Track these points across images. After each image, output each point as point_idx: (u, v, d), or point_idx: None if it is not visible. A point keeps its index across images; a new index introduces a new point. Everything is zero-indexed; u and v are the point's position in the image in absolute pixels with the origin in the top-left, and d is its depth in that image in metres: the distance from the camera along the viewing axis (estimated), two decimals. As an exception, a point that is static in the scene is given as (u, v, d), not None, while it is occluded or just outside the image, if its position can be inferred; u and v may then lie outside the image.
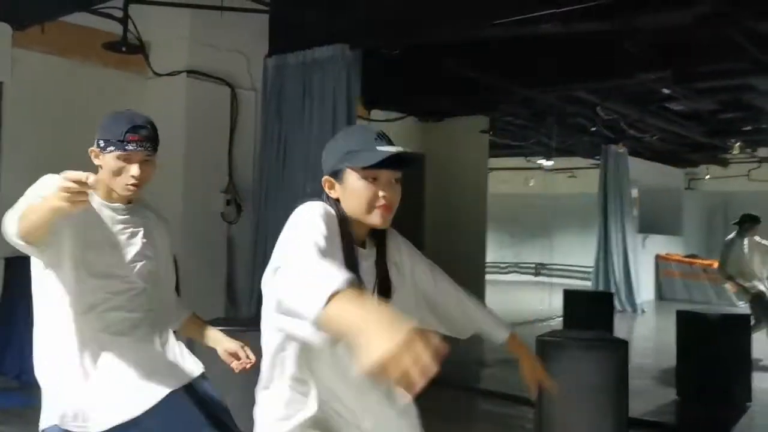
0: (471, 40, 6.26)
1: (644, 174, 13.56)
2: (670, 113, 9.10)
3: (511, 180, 14.66)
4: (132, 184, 2.16)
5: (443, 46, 6.59)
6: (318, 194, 1.77)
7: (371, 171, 1.68)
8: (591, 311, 6.74)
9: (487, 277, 12.45)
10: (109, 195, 2.21)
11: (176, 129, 5.99)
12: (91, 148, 2.20)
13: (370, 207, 1.69)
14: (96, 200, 2.16)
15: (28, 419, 4.19)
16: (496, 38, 5.98)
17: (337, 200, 1.72)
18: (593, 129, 9.13)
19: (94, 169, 2.17)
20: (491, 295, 9.58)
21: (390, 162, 1.66)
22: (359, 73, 6.35)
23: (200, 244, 6.11)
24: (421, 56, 7.06)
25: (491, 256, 13.35)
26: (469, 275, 8.86)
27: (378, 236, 1.81)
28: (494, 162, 11.57)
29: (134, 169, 2.14)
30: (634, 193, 13.39)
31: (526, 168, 14.11)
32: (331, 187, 1.73)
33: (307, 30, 6.42)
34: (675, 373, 5.44)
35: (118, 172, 2.15)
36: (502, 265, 16.21)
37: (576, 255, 14.69)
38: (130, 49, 5.56)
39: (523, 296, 12.44)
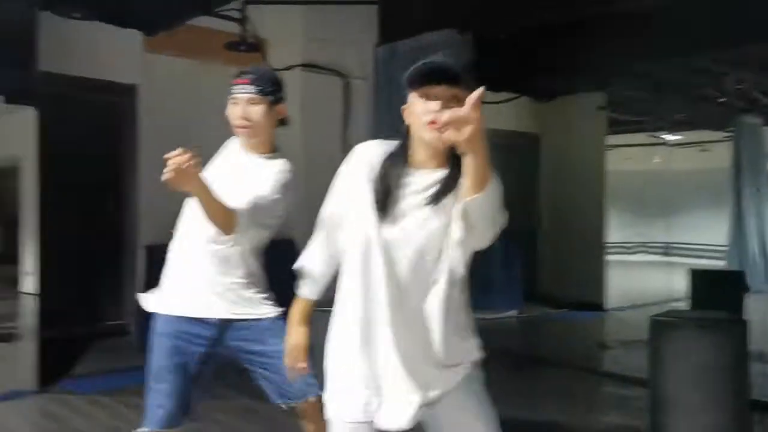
0: (583, 17, 6.13)
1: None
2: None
3: (635, 157, 14.11)
4: (240, 126, 2.33)
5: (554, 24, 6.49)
6: None
7: (424, 89, 1.69)
8: (719, 292, 6.44)
9: (613, 257, 12.09)
10: (247, 147, 2.45)
11: (293, 119, 6.27)
12: None
13: (422, 123, 1.69)
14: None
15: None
16: (607, 13, 5.83)
17: (408, 126, 1.77)
18: (721, 100, 8.64)
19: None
20: (616, 277, 9.35)
21: (432, 74, 1.66)
22: (468, 57, 6.38)
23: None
24: (532, 36, 6.98)
25: (616, 236, 12.91)
26: (588, 256, 8.71)
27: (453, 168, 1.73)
28: (616, 139, 11.21)
29: (238, 110, 2.29)
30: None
31: (650, 144, 13.54)
32: (407, 114, 1.77)
33: (415, 17, 6.51)
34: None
35: (232, 116, 2.32)
36: (628, 245, 15.64)
37: (707, 234, 13.94)
38: (248, 47, 5.89)
39: (650, 277, 12.00)
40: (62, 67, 5.54)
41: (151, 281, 6.32)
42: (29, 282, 5.35)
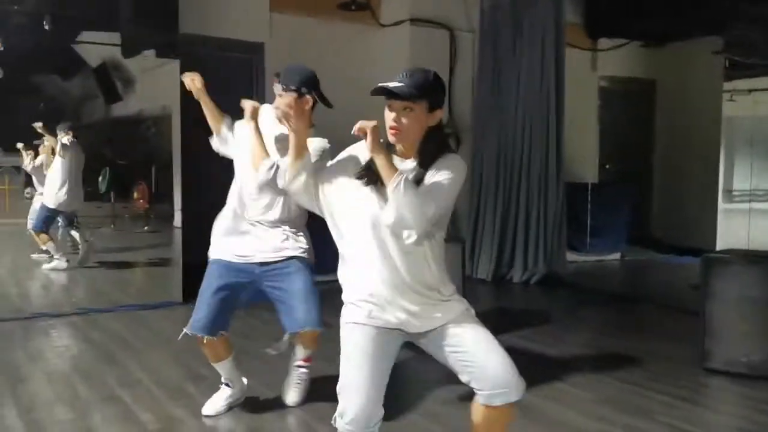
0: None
1: None
2: None
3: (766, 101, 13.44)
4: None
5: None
6: None
7: (386, 101, 2.08)
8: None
9: (741, 206, 11.82)
10: None
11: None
12: None
13: (386, 129, 2.11)
14: None
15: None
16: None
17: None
18: None
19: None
20: (737, 225, 9.23)
21: (384, 93, 2.05)
22: (567, 6, 6.61)
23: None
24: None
25: (748, 183, 12.52)
26: (700, 201, 8.72)
27: (427, 155, 2.12)
28: (744, 84, 10.82)
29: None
30: None
31: (783, 87, 12.84)
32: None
33: (518, -30, 6.79)
34: None
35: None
36: (759, 193, 15.02)
37: None
38: (358, 6, 6.45)
39: (775, 226, 11.62)
40: (200, 28, 6.36)
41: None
42: (179, 217, 6.34)
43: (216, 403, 3.32)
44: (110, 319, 5.17)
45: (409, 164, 2.13)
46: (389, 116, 2.09)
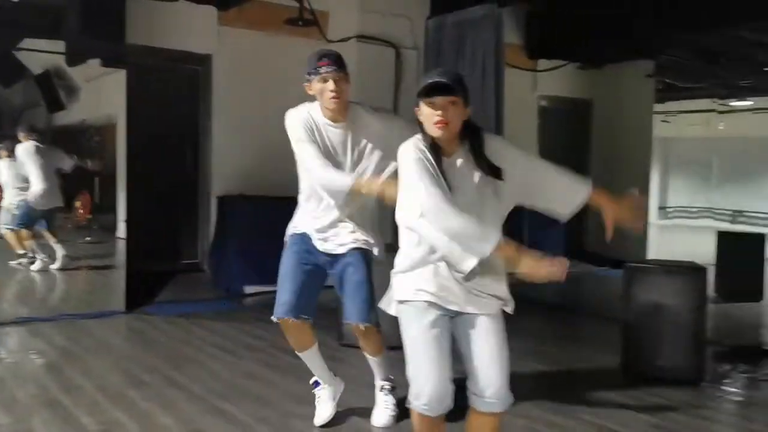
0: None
1: None
2: None
3: (699, 123, 14.07)
4: (333, 98, 2.99)
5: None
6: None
7: (427, 99, 2.22)
8: (742, 254, 6.84)
9: (675, 221, 12.42)
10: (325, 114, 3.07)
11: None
12: (305, 84, 3.06)
13: (430, 124, 2.24)
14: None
15: (235, 318, 5.53)
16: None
17: (421, 123, 2.31)
18: (766, 69, 8.77)
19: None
20: (670, 240, 9.69)
21: (432, 89, 2.20)
22: (508, 28, 6.87)
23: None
24: (581, 5, 7.38)
25: (681, 200, 13.08)
26: (634, 217, 9.13)
27: (472, 143, 2.32)
28: (677, 105, 11.36)
29: (330, 85, 2.98)
30: None
31: (712, 110, 13.48)
32: (419, 114, 2.31)
33: (463, -10, 7.03)
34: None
35: (321, 92, 3.01)
36: (692, 210, 15.66)
37: (779, 203, 13.78)
38: (306, 22, 6.60)
39: (705, 240, 12.17)
40: (148, 39, 6.41)
41: (221, 226, 7.16)
42: (123, 228, 6.37)
43: (323, 411, 3.31)
44: (52, 328, 5.15)
45: (458, 161, 2.30)
46: (433, 112, 2.21)
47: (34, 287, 6.75)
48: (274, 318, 3.14)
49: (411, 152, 2.29)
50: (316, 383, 3.38)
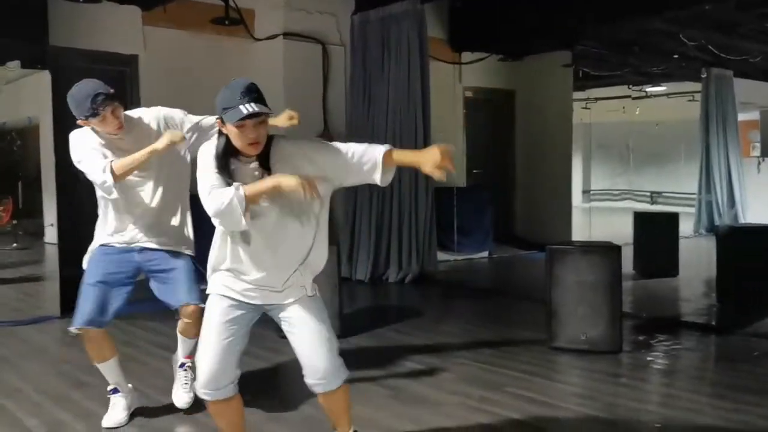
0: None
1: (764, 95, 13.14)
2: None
3: (618, 109, 14.70)
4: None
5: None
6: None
7: (238, 122, 2.29)
8: (657, 233, 7.27)
9: (599, 204, 12.94)
10: None
11: (276, 84, 7.06)
12: None
13: (244, 145, 2.34)
14: None
15: (172, 316, 5.52)
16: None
17: (227, 135, 2.41)
18: (675, 56, 9.28)
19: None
20: (593, 222, 10.14)
21: (249, 116, 2.27)
22: (431, 22, 7.10)
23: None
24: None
25: (603, 183, 13.64)
26: (557, 200, 9.55)
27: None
28: (597, 92, 11.83)
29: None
30: (755, 115, 13.07)
31: (628, 96, 14.11)
32: (222, 125, 2.42)
33: (386, -14, 7.22)
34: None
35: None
36: (614, 193, 16.33)
37: (691, 183, 14.55)
38: (232, 21, 6.65)
39: (625, 221, 12.76)
40: (72, 41, 6.34)
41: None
42: (51, 233, 6.27)
43: (116, 414, 3.35)
44: (-16, 336, 5.10)
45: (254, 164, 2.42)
46: (246, 135, 2.32)
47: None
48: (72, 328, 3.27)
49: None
50: (115, 390, 3.41)
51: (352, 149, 2.46)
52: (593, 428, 3.30)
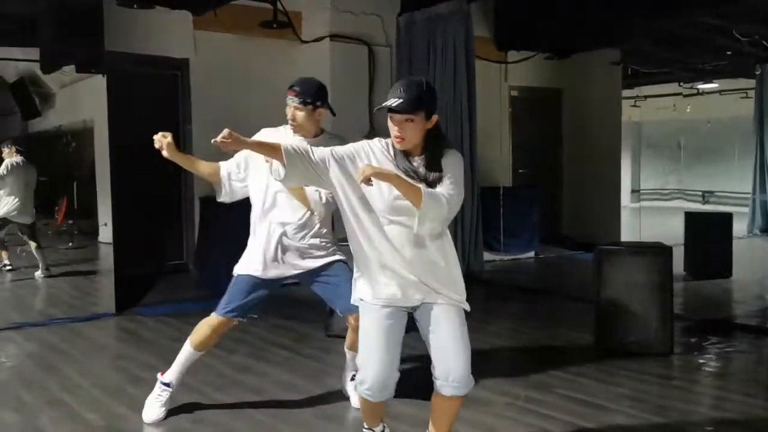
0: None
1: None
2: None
3: (668, 106, 14.41)
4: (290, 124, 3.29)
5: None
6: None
7: (388, 113, 2.41)
8: (710, 233, 7.12)
9: (648, 203, 12.71)
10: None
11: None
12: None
13: (392, 135, 2.46)
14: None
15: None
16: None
17: None
18: (728, 53, 9.07)
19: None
20: (643, 222, 9.98)
21: (390, 109, 2.38)
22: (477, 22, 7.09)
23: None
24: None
25: (653, 183, 13.38)
26: (605, 199, 9.44)
27: (431, 152, 2.49)
28: (647, 90, 11.64)
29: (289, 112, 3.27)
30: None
31: (679, 94, 13.82)
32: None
33: (432, -13, 7.23)
34: None
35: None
36: (664, 192, 16.01)
37: (745, 182, 14.17)
38: (280, 24, 6.75)
39: (676, 221, 12.52)
40: (125, 45, 6.52)
41: (205, 227, 7.31)
42: (106, 232, 6.47)
43: (156, 409, 3.43)
44: (45, 332, 5.28)
45: (418, 160, 2.48)
46: (393, 127, 2.42)
47: (21, 294, 6.86)
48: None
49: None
50: (168, 384, 3.48)
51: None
52: (644, 431, 3.27)
